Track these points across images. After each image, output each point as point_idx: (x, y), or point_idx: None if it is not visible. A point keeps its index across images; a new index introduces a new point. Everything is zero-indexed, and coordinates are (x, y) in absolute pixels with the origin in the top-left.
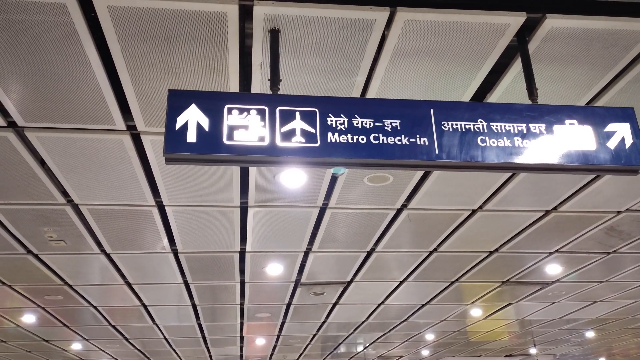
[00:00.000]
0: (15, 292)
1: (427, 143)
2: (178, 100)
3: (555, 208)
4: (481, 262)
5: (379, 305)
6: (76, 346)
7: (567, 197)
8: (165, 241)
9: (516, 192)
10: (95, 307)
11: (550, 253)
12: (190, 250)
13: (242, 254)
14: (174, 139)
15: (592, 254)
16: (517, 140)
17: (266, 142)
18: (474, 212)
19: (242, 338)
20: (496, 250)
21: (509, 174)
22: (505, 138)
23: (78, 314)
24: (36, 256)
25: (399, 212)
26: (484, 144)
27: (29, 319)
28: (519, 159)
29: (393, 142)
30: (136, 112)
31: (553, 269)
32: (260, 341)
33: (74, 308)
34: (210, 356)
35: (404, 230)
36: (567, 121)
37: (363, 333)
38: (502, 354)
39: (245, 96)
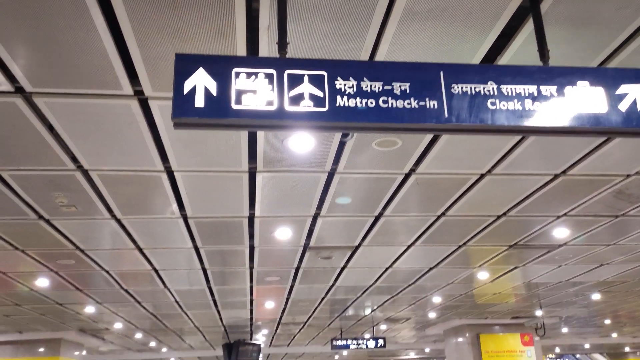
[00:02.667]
0: (28, 257)
1: (436, 106)
2: (185, 65)
3: (564, 171)
4: (489, 226)
5: (387, 269)
6: (89, 309)
7: (577, 161)
8: (175, 206)
9: (525, 156)
10: (107, 272)
11: (558, 217)
12: (199, 215)
13: (251, 218)
14: (182, 103)
15: (600, 217)
16: (528, 102)
17: (274, 107)
18: (482, 176)
19: (252, 301)
20: (504, 214)
21: (518, 137)
22: (515, 101)
23: (90, 278)
24: (47, 221)
25: (407, 176)
26: (494, 107)
27: (42, 282)
28: (529, 122)
29: (402, 106)
30: (143, 77)
31: (561, 232)
32: (269, 304)
33: (86, 272)
34: (221, 319)
35: (412, 195)
36: (579, 83)
37: (371, 296)
38: (508, 316)
39: (253, 60)
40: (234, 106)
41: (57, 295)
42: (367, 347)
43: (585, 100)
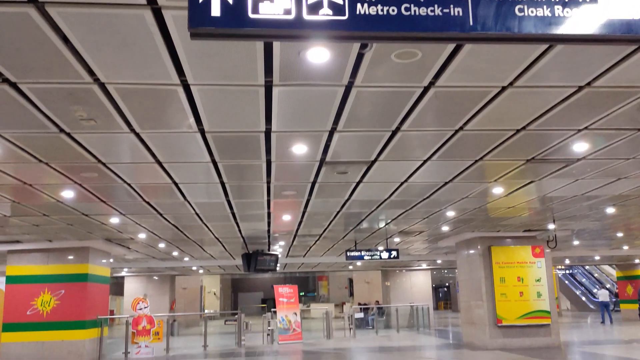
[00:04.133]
0: (52, 169)
1: (461, 14)
2: None
3: (589, 83)
4: (507, 140)
5: (402, 183)
6: (114, 220)
7: (603, 72)
8: (192, 120)
9: (550, 67)
10: (129, 184)
11: (579, 130)
12: (216, 129)
13: (267, 133)
14: (198, 12)
15: (622, 131)
16: (558, 9)
17: (292, 16)
18: (504, 88)
19: (269, 214)
20: (523, 128)
21: (544, 47)
22: (545, 7)
23: (113, 191)
24: (69, 135)
25: (426, 89)
26: (522, 14)
27: (67, 194)
28: (558, 30)
29: (425, 14)
30: None
31: (580, 146)
32: (286, 217)
33: (109, 185)
34: (240, 231)
35: (431, 109)
36: None
37: (385, 210)
38: (520, 229)
39: None
40: (250, 15)
41: (83, 207)
42: (380, 258)
43: (618, 5)
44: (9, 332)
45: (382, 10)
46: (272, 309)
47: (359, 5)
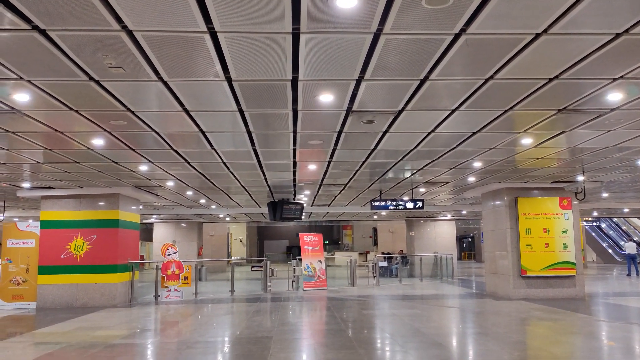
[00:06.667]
0: (82, 117)
1: None
2: None
3: (627, 30)
4: (539, 90)
5: (429, 133)
6: (143, 168)
7: None
8: (218, 67)
9: (586, 13)
10: (157, 133)
11: (614, 79)
12: (243, 78)
13: (294, 82)
14: None
15: None
16: None
17: None
18: (537, 35)
19: (295, 163)
20: (556, 77)
21: None
22: None
23: (142, 138)
24: (98, 82)
25: (457, 37)
26: None
27: (97, 142)
28: None
29: None
30: None
31: (614, 96)
32: (312, 167)
33: (137, 133)
34: (266, 179)
35: (461, 57)
36: None
37: (411, 160)
38: (548, 180)
39: None
40: None
41: (112, 154)
42: (405, 208)
43: None
44: (45, 274)
45: None
46: (297, 257)
47: None
